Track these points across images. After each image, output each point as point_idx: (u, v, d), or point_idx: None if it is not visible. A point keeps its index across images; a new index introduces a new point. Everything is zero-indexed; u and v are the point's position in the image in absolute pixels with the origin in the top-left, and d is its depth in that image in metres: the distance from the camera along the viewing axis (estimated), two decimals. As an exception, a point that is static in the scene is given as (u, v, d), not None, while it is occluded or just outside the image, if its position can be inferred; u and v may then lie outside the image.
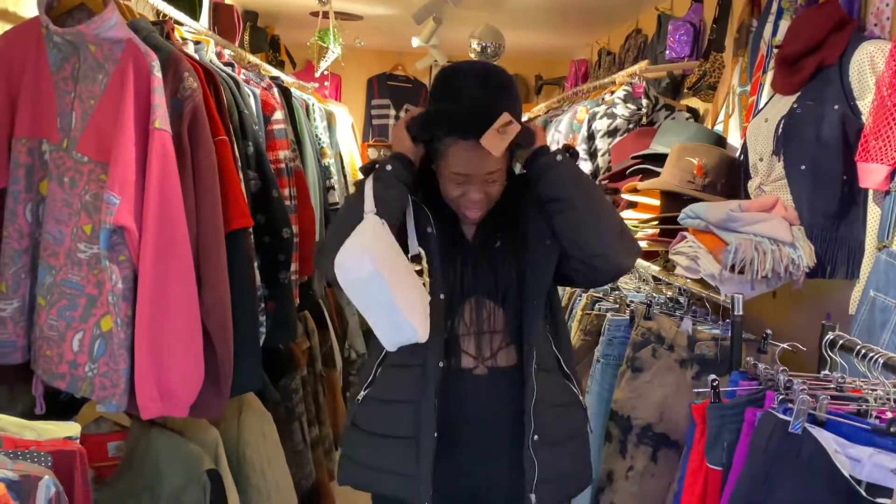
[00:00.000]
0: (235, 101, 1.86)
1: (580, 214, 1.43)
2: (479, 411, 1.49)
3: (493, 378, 1.49)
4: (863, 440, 1.04)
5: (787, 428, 1.05)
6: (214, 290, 1.51)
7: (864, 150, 1.51)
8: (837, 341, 1.18)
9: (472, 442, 1.49)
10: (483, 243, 1.52)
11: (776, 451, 1.06)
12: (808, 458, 1.04)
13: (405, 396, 1.47)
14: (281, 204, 1.89)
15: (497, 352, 1.50)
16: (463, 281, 1.49)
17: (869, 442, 1.04)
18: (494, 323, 1.50)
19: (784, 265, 1.53)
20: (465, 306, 1.49)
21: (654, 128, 2.54)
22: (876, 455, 1.03)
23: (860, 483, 1.02)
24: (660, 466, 1.72)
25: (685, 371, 1.72)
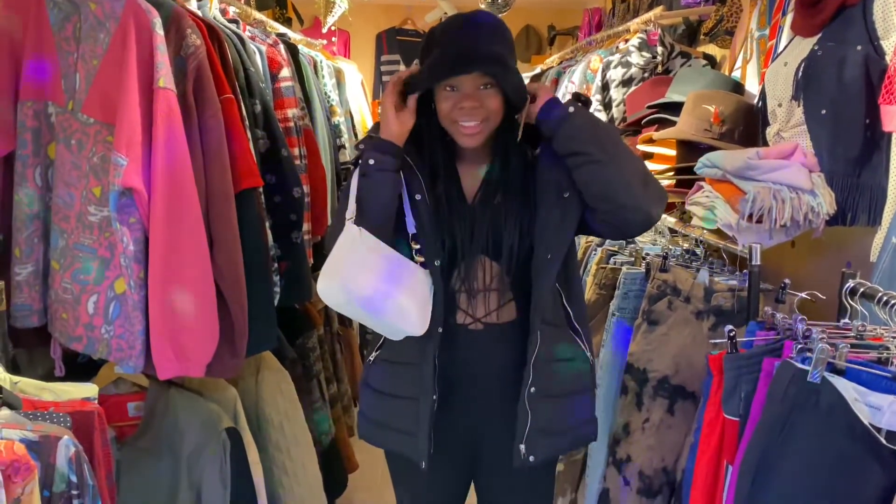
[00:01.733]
0: (241, 58, 1.83)
1: (602, 167, 1.38)
2: (478, 367, 1.51)
3: (491, 334, 1.50)
4: (883, 388, 1.03)
5: (805, 377, 1.04)
6: (226, 250, 1.51)
7: (888, 92, 1.45)
8: (858, 289, 1.16)
9: (471, 398, 1.52)
10: (482, 201, 1.49)
11: (794, 400, 1.05)
12: (826, 407, 1.03)
13: (408, 359, 1.50)
14: (291, 163, 1.87)
15: (496, 309, 1.49)
16: (461, 243, 1.47)
17: (889, 390, 1.02)
18: (493, 282, 1.49)
19: (803, 213, 1.49)
20: (463, 266, 1.48)
21: (669, 76, 2.48)
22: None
23: (880, 431, 1.00)
24: (676, 418, 1.72)
25: (701, 323, 1.70)
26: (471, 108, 1.43)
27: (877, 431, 1.00)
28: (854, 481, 1.01)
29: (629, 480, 1.80)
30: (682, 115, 1.96)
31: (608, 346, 1.96)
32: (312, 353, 2.40)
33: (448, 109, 1.45)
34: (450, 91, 1.44)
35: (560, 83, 3.42)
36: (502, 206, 1.48)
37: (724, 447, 1.19)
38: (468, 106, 1.43)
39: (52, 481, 1.06)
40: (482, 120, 1.44)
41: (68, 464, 1.06)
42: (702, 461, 1.22)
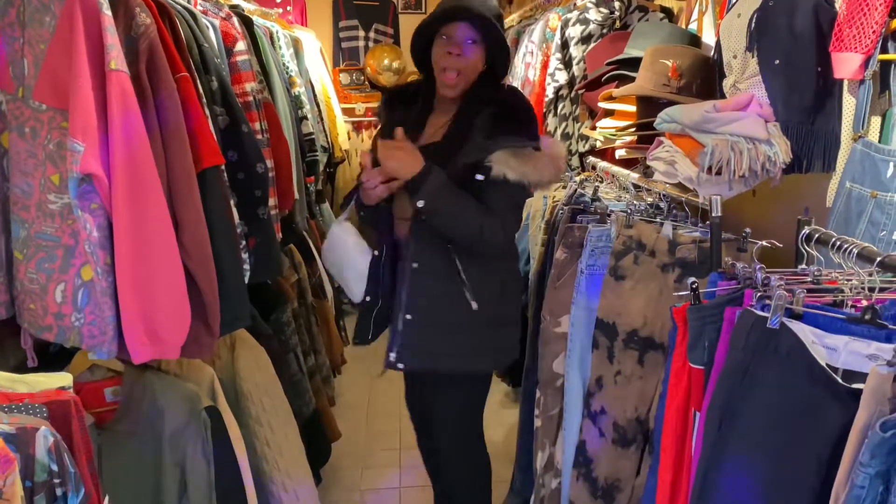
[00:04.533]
0: (194, 34, 1.79)
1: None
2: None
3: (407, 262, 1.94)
4: (839, 329, 1.07)
5: (764, 323, 1.07)
6: (192, 230, 1.50)
7: (837, 40, 1.48)
8: (813, 235, 1.19)
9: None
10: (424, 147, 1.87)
11: (755, 346, 1.08)
12: (786, 351, 1.06)
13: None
14: (252, 138, 1.85)
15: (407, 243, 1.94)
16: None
17: (845, 331, 1.06)
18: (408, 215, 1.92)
19: (760, 163, 1.53)
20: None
21: (628, 31, 2.49)
22: (851, 343, 1.05)
23: (837, 371, 1.04)
24: (646, 369, 1.77)
25: (667, 275, 1.74)
26: (456, 56, 1.81)
27: (833, 371, 1.04)
28: (814, 420, 1.06)
29: (604, 432, 1.85)
30: (641, 70, 1.97)
31: (578, 303, 1.99)
32: (287, 327, 2.42)
33: (439, 54, 1.84)
34: (444, 40, 1.83)
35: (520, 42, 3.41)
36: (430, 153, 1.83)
37: (692, 395, 1.23)
38: (455, 52, 1.81)
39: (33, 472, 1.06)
40: (461, 71, 1.82)
41: (48, 454, 1.07)
42: (670, 409, 1.26)
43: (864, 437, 0.85)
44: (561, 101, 2.81)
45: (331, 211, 3.96)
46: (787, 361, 1.06)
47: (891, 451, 0.81)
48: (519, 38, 3.47)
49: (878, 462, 0.82)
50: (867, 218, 1.45)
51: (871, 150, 1.46)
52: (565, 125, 2.82)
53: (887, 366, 0.88)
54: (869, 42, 1.43)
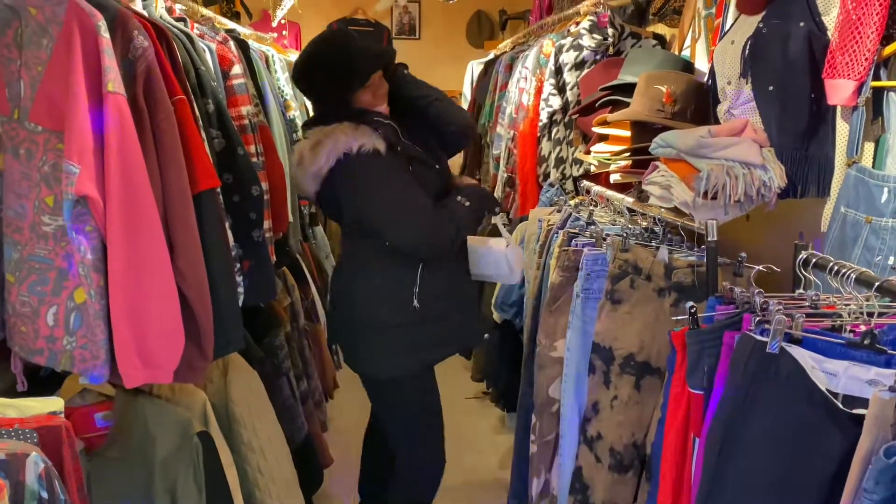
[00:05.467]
0: (191, 57, 1.80)
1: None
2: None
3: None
4: (838, 354, 1.07)
5: (764, 348, 1.07)
6: (187, 253, 1.49)
7: (830, 67, 1.50)
8: (810, 260, 1.20)
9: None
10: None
11: (755, 371, 1.08)
12: (786, 375, 1.06)
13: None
14: (247, 161, 1.85)
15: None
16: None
17: (844, 356, 1.06)
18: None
19: (756, 188, 1.53)
20: None
21: (621, 57, 2.51)
22: (851, 368, 1.05)
23: (837, 396, 1.04)
24: (643, 394, 1.76)
25: (663, 300, 1.73)
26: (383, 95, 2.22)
27: (834, 396, 1.04)
28: (815, 446, 1.05)
29: (601, 457, 1.83)
30: (635, 96, 1.99)
31: (574, 327, 1.98)
32: (280, 351, 2.39)
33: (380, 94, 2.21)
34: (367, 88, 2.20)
35: (514, 68, 3.44)
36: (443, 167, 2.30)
37: (691, 420, 1.22)
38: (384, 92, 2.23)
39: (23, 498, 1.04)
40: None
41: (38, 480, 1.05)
42: (669, 435, 1.25)
43: (868, 464, 0.85)
44: (555, 125, 2.83)
45: (323, 233, 3.95)
46: (787, 386, 1.06)
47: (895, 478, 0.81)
48: (513, 63, 3.51)
49: (883, 489, 0.81)
50: (862, 243, 1.45)
51: (866, 175, 1.47)
52: (559, 149, 2.83)
53: (889, 391, 0.87)
54: (861, 69, 1.45)
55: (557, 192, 2.80)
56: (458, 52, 6.02)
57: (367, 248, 2.18)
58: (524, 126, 3.03)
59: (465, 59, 5.17)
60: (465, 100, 4.68)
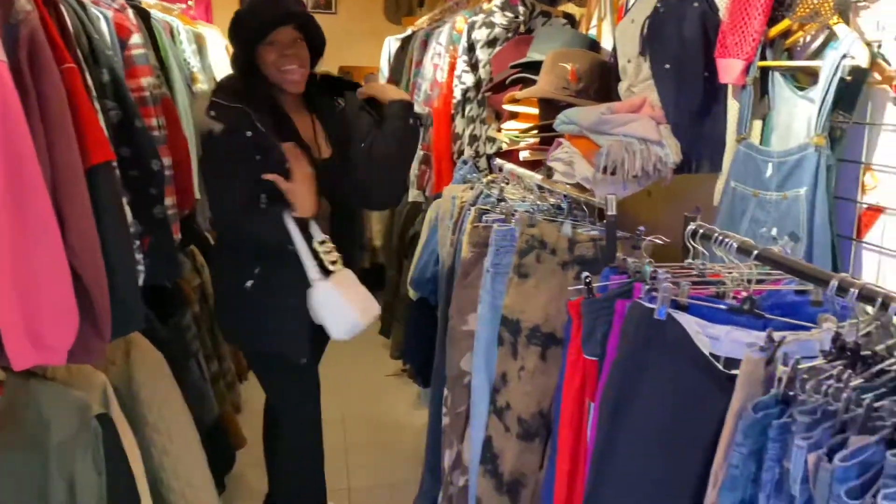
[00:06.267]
0: (83, 24, 1.71)
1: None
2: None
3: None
4: (721, 320, 1.12)
5: (652, 315, 1.12)
6: (79, 229, 1.43)
7: (721, 46, 1.56)
8: (698, 231, 1.25)
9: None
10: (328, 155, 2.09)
11: (644, 336, 1.13)
12: (672, 340, 1.11)
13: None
14: (146, 134, 1.79)
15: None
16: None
17: (727, 321, 1.12)
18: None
19: (653, 163, 1.59)
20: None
21: (531, 35, 2.54)
22: (732, 332, 1.11)
23: (719, 359, 1.10)
24: (548, 364, 1.80)
25: (567, 272, 1.78)
26: (293, 55, 1.95)
27: (716, 359, 1.09)
28: (699, 407, 1.10)
29: (509, 427, 1.88)
30: (542, 74, 2.02)
31: (485, 301, 2.01)
32: (188, 332, 2.34)
33: (275, 59, 1.95)
34: (271, 46, 1.94)
35: (428, 45, 3.43)
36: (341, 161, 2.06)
37: (587, 386, 1.26)
38: (291, 52, 1.94)
39: None
40: (301, 65, 1.97)
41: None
42: (566, 401, 1.29)
43: (739, 419, 0.90)
44: (468, 103, 2.84)
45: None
46: (673, 351, 1.11)
47: (762, 432, 0.86)
48: (428, 39, 3.49)
49: (752, 442, 0.87)
50: (750, 215, 1.53)
51: (753, 151, 1.54)
52: (473, 127, 2.85)
53: (759, 350, 0.93)
54: (749, 49, 1.51)
55: (471, 169, 2.82)
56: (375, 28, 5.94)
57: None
58: (438, 103, 3.03)
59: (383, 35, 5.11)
60: (384, 76, 4.64)
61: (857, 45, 1.32)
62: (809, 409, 0.80)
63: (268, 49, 1.94)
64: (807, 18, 1.43)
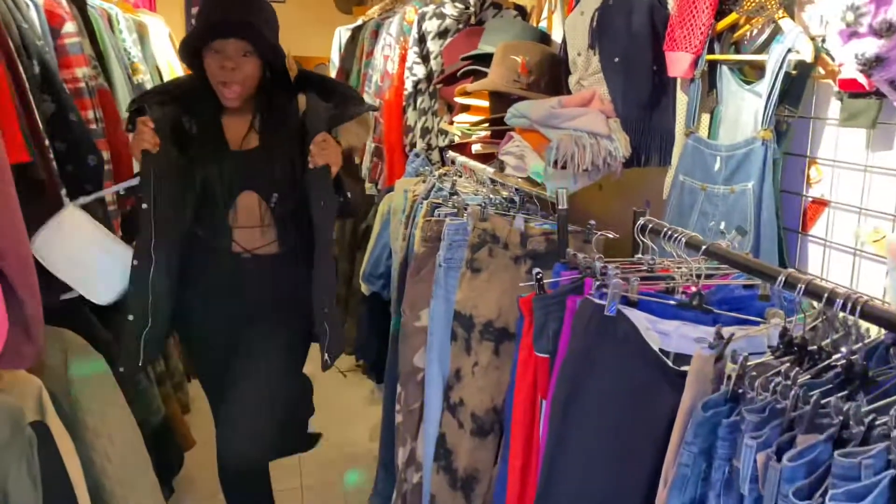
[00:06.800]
0: (11, 12, 1.63)
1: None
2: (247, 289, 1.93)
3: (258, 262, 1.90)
4: (670, 315, 1.12)
5: (602, 311, 1.11)
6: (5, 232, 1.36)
7: (670, 39, 1.56)
8: (647, 226, 1.25)
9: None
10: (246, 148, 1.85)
11: (595, 333, 1.11)
12: (622, 337, 1.10)
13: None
14: (82, 128, 1.72)
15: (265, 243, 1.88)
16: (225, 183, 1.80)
17: (676, 316, 1.12)
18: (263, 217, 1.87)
19: (602, 157, 1.58)
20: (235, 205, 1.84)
21: (482, 27, 2.51)
22: (682, 327, 1.11)
23: (668, 355, 1.09)
24: (502, 359, 1.79)
25: (520, 267, 1.77)
26: (231, 70, 1.75)
27: (665, 356, 1.09)
28: (649, 403, 1.10)
29: (463, 423, 1.86)
30: (493, 66, 2.00)
31: (438, 296, 1.99)
32: (131, 332, 2.25)
33: (214, 70, 1.77)
34: (215, 54, 1.75)
35: (379, 35, 3.38)
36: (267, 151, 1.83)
37: (538, 383, 1.25)
38: (229, 66, 1.75)
39: None
40: (240, 83, 1.77)
41: None
42: (518, 398, 1.28)
43: (689, 417, 0.89)
44: (420, 95, 2.81)
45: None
46: (623, 347, 1.10)
47: (712, 430, 0.86)
48: (379, 30, 3.44)
49: (701, 440, 0.86)
50: (698, 209, 1.53)
51: (701, 145, 1.54)
52: (425, 119, 2.82)
53: (709, 348, 0.92)
54: (698, 42, 1.52)
55: (423, 162, 2.79)
56: (325, 17, 5.85)
57: None
58: (389, 95, 2.99)
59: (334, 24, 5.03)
60: (334, 67, 4.57)
61: (801, 39, 1.33)
62: (758, 408, 0.80)
63: (210, 55, 1.75)
64: (753, 12, 1.43)
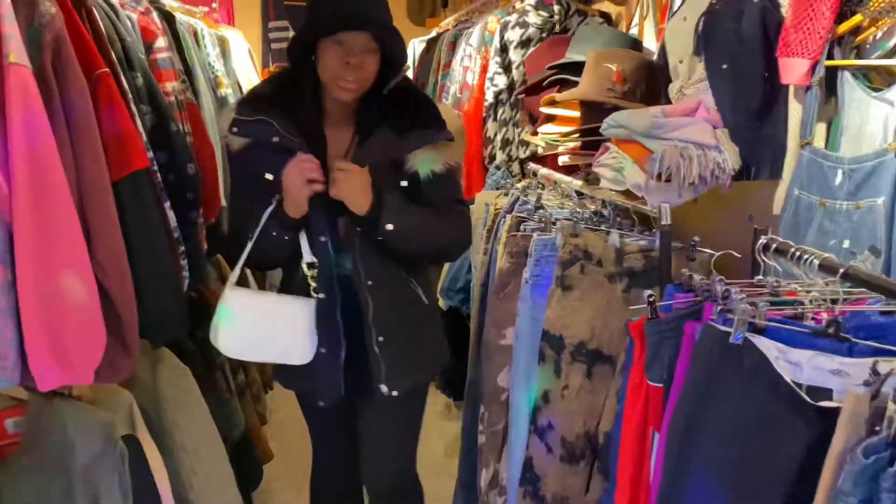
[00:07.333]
0: (115, 28, 1.65)
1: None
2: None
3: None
4: (802, 344, 1.02)
5: (727, 339, 1.02)
6: (106, 243, 1.36)
7: (784, 44, 1.46)
8: (771, 245, 1.15)
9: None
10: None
11: (718, 363, 1.03)
12: (750, 367, 1.01)
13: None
14: (182, 138, 1.73)
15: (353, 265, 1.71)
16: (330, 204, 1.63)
17: (808, 345, 1.02)
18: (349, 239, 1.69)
19: (710, 170, 1.49)
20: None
21: (567, 36, 2.45)
22: (815, 357, 1.01)
23: (801, 387, 1.00)
24: (595, 382, 1.71)
25: (615, 285, 1.69)
26: (356, 66, 1.57)
27: (797, 388, 1.00)
28: (780, 439, 1.01)
29: (552, 448, 1.79)
30: (584, 75, 1.92)
31: (524, 314, 1.92)
32: (214, 344, 2.26)
33: (334, 65, 1.58)
34: (337, 46, 1.57)
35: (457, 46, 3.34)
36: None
37: (650, 414, 1.17)
38: (355, 62, 1.57)
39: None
40: (361, 79, 1.60)
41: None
42: (628, 429, 1.20)
43: (843, 463, 0.80)
44: (501, 105, 2.76)
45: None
46: (751, 378, 1.01)
47: (873, 478, 0.76)
48: (456, 41, 3.41)
49: (863, 490, 0.77)
50: (816, 226, 1.43)
51: (819, 157, 1.44)
52: (505, 130, 2.76)
53: (864, 385, 0.83)
54: (815, 47, 1.41)
55: (504, 174, 2.73)
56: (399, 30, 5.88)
57: None
58: (469, 106, 2.95)
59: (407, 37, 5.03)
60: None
61: (940, 42, 1.22)
62: (930, 457, 0.71)
63: (331, 47, 1.56)
64: (882, 13, 1.32)
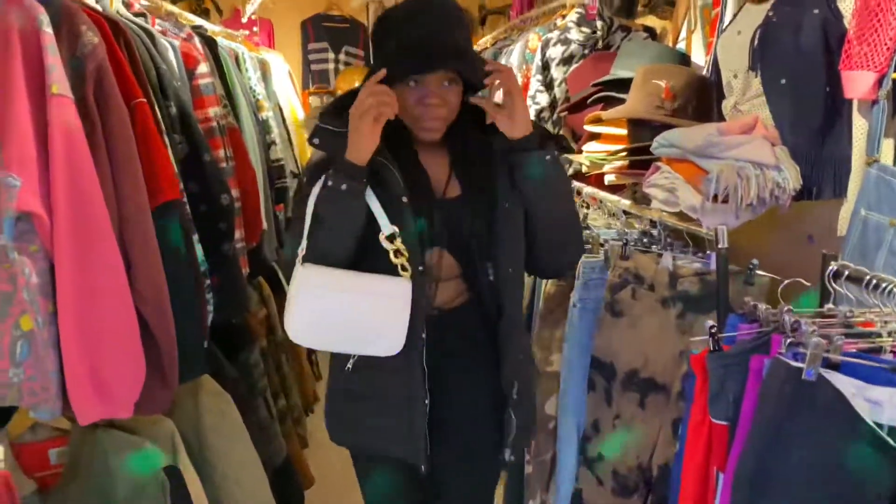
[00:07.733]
0: (151, 56, 1.65)
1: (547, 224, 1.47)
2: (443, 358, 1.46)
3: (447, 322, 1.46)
4: (882, 381, 0.94)
5: (799, 375, 0.95)
6: (146, 273, 1.34)
7: (847, 57, 1.39)
8: (843, 272, 1.08)
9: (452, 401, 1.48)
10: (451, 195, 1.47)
11: (790, 401, 0.96)
12: (824, 405, 0.94)
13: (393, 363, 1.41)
14: (214, 168, 1.71)
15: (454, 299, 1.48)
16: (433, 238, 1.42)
17: (889, 382, 0.94)
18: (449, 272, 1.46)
19: (769, 190, 1.42)
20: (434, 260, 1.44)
21: (611, 52, 2.39)
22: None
23: (882, 427, 0.92)
24: (648, 412, 1.63)
25: (668, 310, 1.61)
26: (436, 106, 1.40)
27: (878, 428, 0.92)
28: (860, 483, 0.93)
29: (603, 480, 1.71)
30: (632, 91, 1.86)
31: (571, 340, 1.85)
32: (256, 369, 2.25)
33: (412, 105, 1.41)
34: (413, 86, 1.40)
35: (497, 64, 3.30)
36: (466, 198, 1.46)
37: (714, 454, 1.09)
38: (434, 103, 1.40)
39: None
40: (444, 117, 1.42)
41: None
42: (689, 468, 1.13)
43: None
44: (543, 123, 2.70)
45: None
46: (826, 417, 0.94)
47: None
48: (496, 59, 3.37)
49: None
50: (887, 248, 1.34)
51: (888, 175, 1.36)
52: (547, 149, 2.71)
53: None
54: (882, 60, 1.34)
55: (546, 193, 2.67)
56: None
57: None
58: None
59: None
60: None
61: None
62: None
63: (406, 90, 1.39)
64: (956, 23, 1.24)
